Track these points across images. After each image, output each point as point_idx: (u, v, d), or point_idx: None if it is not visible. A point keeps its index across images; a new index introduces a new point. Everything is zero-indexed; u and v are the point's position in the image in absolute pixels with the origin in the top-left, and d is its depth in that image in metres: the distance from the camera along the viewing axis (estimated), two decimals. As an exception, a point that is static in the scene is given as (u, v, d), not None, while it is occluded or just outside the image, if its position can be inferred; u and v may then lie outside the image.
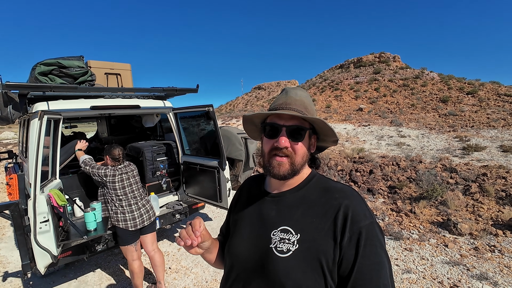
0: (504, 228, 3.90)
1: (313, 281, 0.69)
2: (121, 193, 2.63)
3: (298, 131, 0.77)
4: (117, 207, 2.62)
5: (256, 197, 0.89)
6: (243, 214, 0.90)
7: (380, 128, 14.42)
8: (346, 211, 0.72)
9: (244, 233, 0.86)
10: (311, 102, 0.84)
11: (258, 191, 0.90)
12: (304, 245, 0.72)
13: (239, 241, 0.85)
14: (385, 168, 6.95)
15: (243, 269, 0.81)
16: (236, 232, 0.89)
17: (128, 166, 2.78)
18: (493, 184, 5.21)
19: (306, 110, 0.79)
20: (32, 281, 3.22)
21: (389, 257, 0.72)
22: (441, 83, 23.74)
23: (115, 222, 2.62)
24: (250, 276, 0.79)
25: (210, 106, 3.08)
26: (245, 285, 0.80)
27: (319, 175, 0.86)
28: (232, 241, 0.89)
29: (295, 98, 0.81)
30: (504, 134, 11.35)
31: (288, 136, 0.77)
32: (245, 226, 0.87)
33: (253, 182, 0.97)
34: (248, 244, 0.82)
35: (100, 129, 5.83)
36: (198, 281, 3.15)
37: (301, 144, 0.78)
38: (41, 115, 2.10)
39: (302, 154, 0.79)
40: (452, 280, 2.96)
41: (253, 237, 0.82)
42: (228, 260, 0.88)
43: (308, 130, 0.79)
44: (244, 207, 0.91)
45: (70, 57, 3.30)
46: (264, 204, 0.85)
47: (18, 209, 2.11)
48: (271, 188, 0.87)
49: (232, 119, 21.96)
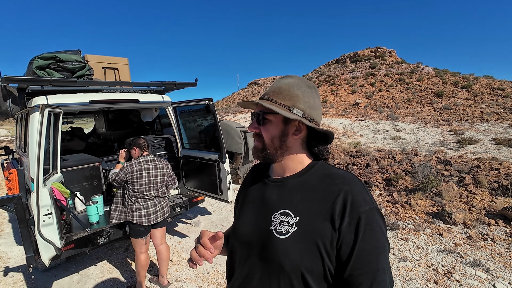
0: (496, 218, 4.01)
1: (310, 261, 0.72)
2: (138, 190, 2.59)
3: (260, 116, 0.84)
4: (133, 203, 2.59)
5: (260, 182, 0.93)
6: (248, 198, 0.94)
7: (376, 123, 14.54)
8: (345, 197, 0.74)
9: (247, 216, 0.90)
10: (294, 86, 0.82)
11: (262, 176, 0.94)
12: (302, 228, 0.75)
13: (243, 223, 0.90)
14: (382, 161, 7.05)
15: (246, 250, 0.85)
16: (240, 214, 0.94)
17: (155, 161, 2.72)
18: (486, 176, 5.33)
19: (279, 97, 0.81)
20: (33, 275, 3.23)
21: (389, 243, 0.74)
22: (436, 78, 23.93)
23: (130, 217, 2.59)
24: (251, 256, 0.82)
25: (210, 99, 3.09)
26: (247, 264, 0.84)
27: (322, 162, 0.88)
28: (236, 222, 0.93)
29: (273, 86, 0.86)
30: (497, 127, 11.54)
31: (257, 122, 0.85)
32: (248, 209, 0.91)
33: (259, 168, 1.01)
34: (250, 226, 0.86)
35: (97, 124, 5.80)
36: (199, 272, 3.21)
37: (266, 127, 0.84)
38: (43, 108, 2.10)
39: (269, 137, 0.83)
40: (446, 268, 3.06)
41: (255, 220, 0.86)
42: (231, 241, 0.92)
43: (277, 115, 0.81)
44: (249, 191, 0.96)
45: (67, 51, 3.28)
46: (267, 188, 0.89)
47: (21, 202, 2.13)
48: (274, 174, 0.91)
49: (229, 115, 21.91)
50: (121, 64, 4.08)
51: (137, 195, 2.59)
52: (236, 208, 1.05)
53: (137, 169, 2.58)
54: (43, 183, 2.20)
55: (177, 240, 3.98)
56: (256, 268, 0.81)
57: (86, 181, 3.37)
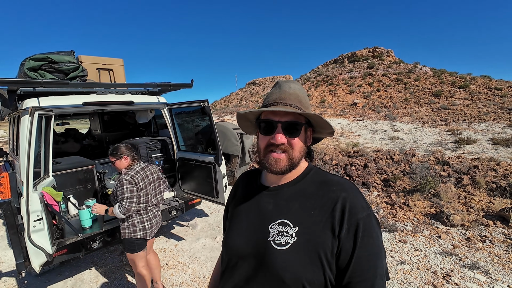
0: (495, 219, 4.00)
1: (312, 273, 0.70)
2: (143, 202, 2.35)
3: (294, 126, 0.77)
4: (134, 217, 2.33)
5: (252, 192, 0.89)
6: (240, 209, 0.89)
7: (374, 123, 14.55)
8: (344, 204, 0.73)
9: (241, 227, 0.86)
10: (305, 94, 0.83)
11: (255, 186, 0.90)
12: (302, 238, 0.73)
13: (236, 235, 0.85)
14: (379, 162, 7.03)
15: (241, 263, 0.81)
16: (232, 226, 0.89)
17: (148, 166, 2.49)
18: (484, 176, 5.32)
19: (301, 104, 0.79)
20: (26, 280, 3.18)
21: (384, 248, 0.74)
22: (434, 78, 24.01)
23: (131, 233, 2.32)
24: (247, 270, 0.79)
25: (205, 101, 3.05)
26: (243, 278, 0.80)
27: (316, 168, 0.87)
28: (228, 235, 0.89)
29: (289, 92, 0.80)
30: (494, 127, 11.57)
31: (284, 132, 0.77)
32: (241, 220, 0.87)
33: (249, 176, 0.97)
34: (245, 237, 0.82)
35: (93, 126, 5.74)
36: (195, 276, 3.16)
37: (297, 139, 0.78)
38: (32, 111, 2.05)
39: (299, 148, 0.79)
40: (445, 270, 3.03)
41: (250, 231, 0.82)
42: (225, 254, 0.87)
43: (303, 124, 0.79)
44: (240, 202, 0.91)
45: (60, 52, 3.22)
46: (261, 198, 0.85)
47: (11, 207, 2.08)
48: (267, 182, 0.87)
49: (227, 115, 21.88)
50: (116, 65, 4.03)
51: (141, 208, 2.35)
52: (226, 219, 1.00)
53: (137, 181, 2.31)
54: (33, 188, 2.14)
55: (173, 243, 3.93)
56: (253, 282, 0.77)
57: (80, 185, 3.32)
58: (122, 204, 2.22)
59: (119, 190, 2.24)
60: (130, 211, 2.25)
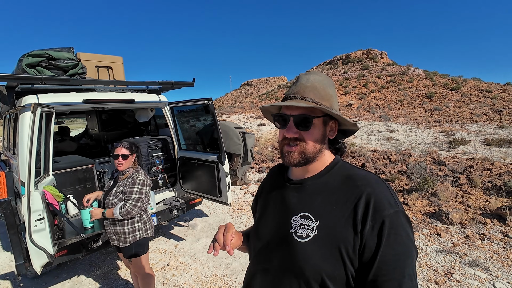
0: (492, 217, 4.07)
1: (332, 267, 0.69)
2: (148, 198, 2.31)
3: (305, 120, 0.77)
4: (141, 215, 2.25)
5: (279, 184, 0.92)
6: (267, 201, 0.93)
7: (369, 124, 14.69)
8: (368, 200, 0.71)
9: (267, 219, 0.89)
10: (326, 85, 0.81)
11: (282, 178, 0.92)
12: (323, 232, 0.73)
13: (263, 224, 0.89)
14: (377, 162, 7.09)
15: (266, 251, 0.84)
16: (260, 217, 0.93)
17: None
18: (479, 176, 5.42)
19: (317, 97, 0.78)
20: (22, 283, 3.08)
21: (416, 248, 0.71)
22: (426, 80, 24.42)
23: (143, 233, 2.22)
24: (272, 258, 0.81)
25: (209, 99, 3.02)
26: (267, 268, 0.82)
27: (343, 161, 0.85)
28: (256, 225, 0.93)
29: (306, 85, 0.79)
30: (486, 128, 11.82)
31: (296, 126, 0.77)
32: (268, 212, 0.90)
33: (279, 169, 0.99)
34: (270, 229, 0.85)
35: (90, 124, 5.62)
36: (198, 276, 3.12)
37: (310, 132, 0.78)
38: (35, 107, 1.99)
39: (312, 142, 0.78)
40: (446, 268, 3.07)
41: (275, 223, 0.85)
42: (252, 244, 0.91)
43: (319, 117, 0.78)
44: (268, 193, 0.94)
45: (59, 48, 3.15)
46: (286, 190, 0.87)
47: (11, 206, 2.01)
48: (293, 175, 0.89)
49: (222, 116, 21.81)
50: (115, 62, 3.97)
51: (142, 210, 2.25)
52: (255, 208, 1.04)
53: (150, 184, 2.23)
54: (34, 187, 2.08)
55: (173, 243, 3.88)
56: (276, 270, 0.80)
57: (80, 184, 3.25)
58: (126, 205, 2.07)
59: (128, 188, 2.10)
60: (131, 214, 2.09)
